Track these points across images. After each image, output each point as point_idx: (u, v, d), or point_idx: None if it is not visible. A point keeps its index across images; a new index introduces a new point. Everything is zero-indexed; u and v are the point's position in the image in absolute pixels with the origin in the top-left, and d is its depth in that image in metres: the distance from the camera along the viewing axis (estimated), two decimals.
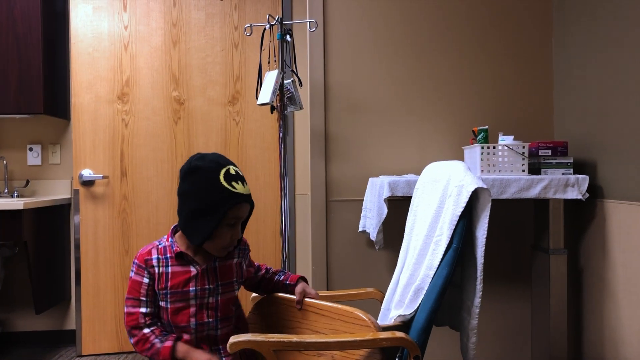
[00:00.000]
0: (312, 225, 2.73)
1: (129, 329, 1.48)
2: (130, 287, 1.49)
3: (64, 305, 3.51)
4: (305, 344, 1.41)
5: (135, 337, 1.46)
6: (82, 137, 3.30)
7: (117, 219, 3.35)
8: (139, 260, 1.49)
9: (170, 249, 1.51)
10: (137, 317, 1.47)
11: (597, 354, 2.42)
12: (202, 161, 1.47)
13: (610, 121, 2.32)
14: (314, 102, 2.72)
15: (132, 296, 1.48)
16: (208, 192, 1.43)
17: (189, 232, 1.47)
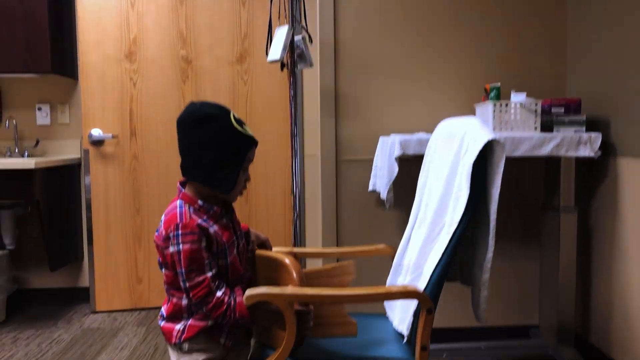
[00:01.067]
0: (322, 184, 2.74)
1: (202, 298, 1.39)
2: (188, 258, 1.38)
3: (77, 264, 3.57)
4: (320, 297, 1.43)
5: (210, 304, 1.39)
6: (90, 96, 3.29)
7: (127, 179, 3.36)
8: (190, 228, 1.40)
9: (205, 209, 1.46)
10: (208, 283, 1.39)
11: (605, 312, 2.44)
12: (210, 109, 1.44)
13: (624, 78, 2.28)
14: (323, 60, 2.69)
15: (196, 266, 1.39)
16: (227, 139, 1.43)
17: (215, 182, 1.44)
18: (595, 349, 2.51)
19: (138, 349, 2.79)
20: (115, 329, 3.08)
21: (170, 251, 1.41)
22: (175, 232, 1.40)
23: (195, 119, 1.43)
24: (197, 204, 1.46)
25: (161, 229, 1.44)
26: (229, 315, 1.41)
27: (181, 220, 1.40)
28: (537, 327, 2.72)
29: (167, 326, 1.50)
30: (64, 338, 2.96)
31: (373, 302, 1.51)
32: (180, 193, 1.48)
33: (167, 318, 1.50)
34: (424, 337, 1.45)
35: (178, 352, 1.50)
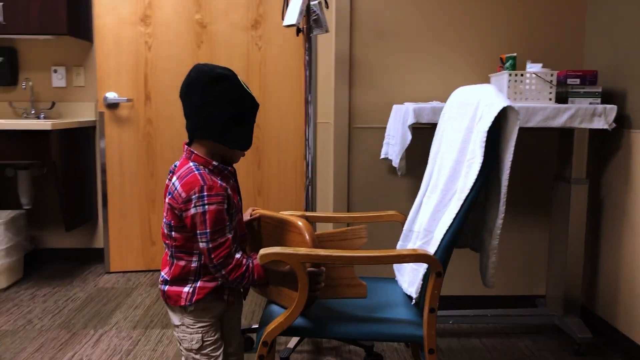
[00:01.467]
0: (334, 151, 2.75)
1: (223, 259, 1.42)
2: (213, 219, 1.41)
3: (92, 225, 3.63)
4: (332, 258, 1.47)
5: (229, 265, 1.42)
6: (105, 59, 3.31)
7: (142, 142, 3.40)
8: (216, 189, 1.42)
9: (219, 169, 1.49)
10: (229, 245, 1.43)
11: (612, 284, 2.47)
12: (221, 69, 1.47)
13: None
14: (339, 26, 2.68)
15: (219, 226, 1.42)
16: (241, 98, 1.47)
17: (232, 139, 1.48)
18: (601, 320, 2.54)
19: (151, 308, 2.86)
20: (129, 289, 3.15)
21: (192, 213, 1.41)
22: (200, 193, 1.41)
23: (211, 78, 1.45)
24: (211, 165, 1.48)
25: (178, 191, 1.43)
26: (247, 277, 1.44)
27: (205, 183, 1.42)
28: (544, 297, 2.76)
29: (173, 289, 1.51)
30: (79, 296, 3.03)
31: (383, 265, 1.54)
32: (192, 155, 1.48)
33: (172, 281, 1.51)
34: (432, 299, 1.49)
35: (182, 313, 1.53)
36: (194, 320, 1.53)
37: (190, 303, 1.50)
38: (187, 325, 1.53)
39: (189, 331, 1.53)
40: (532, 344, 2.49)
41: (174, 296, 1.51)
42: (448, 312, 2.54)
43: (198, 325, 1.53)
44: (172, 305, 1.54)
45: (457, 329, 2.64)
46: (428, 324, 1.49)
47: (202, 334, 1.53)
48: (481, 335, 2.57)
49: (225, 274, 1.44)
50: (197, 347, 1.53)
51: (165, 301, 1.55)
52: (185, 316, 1.53)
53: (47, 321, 2.69)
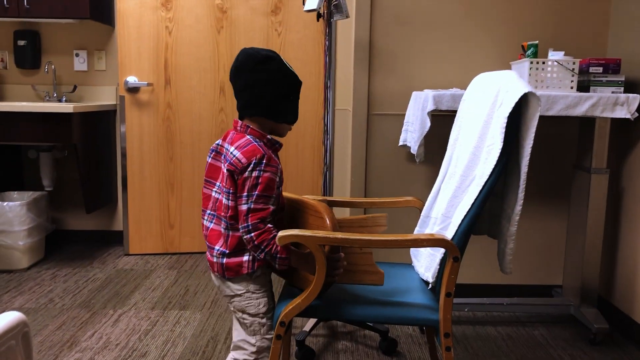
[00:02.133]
0: (352, 138, 2.76)
1: (259, 221, 1.48)
2: (266, 184, 1.49)
3: (111, 208, 3.69)
4: (351, 241, 1.48)
5: (260, 230, 1.47)
6: (126, 43, 3.33)
7: (161, 127, 3.43)
8: (274, 161, 1.52)
9: (271, 143, 1.60)
10: (267, 214, 1.49)
11: (630, 275, 2.45)
12: (266, 51, 1.58)
13: None
14: (359, 12, 2.67)
15: (267, 194, 1.49)
16: (286, 76, 1.58)
17: (278, 114, 1.59)
18: (618, 310, 2.53)
19: (169, 290, 2.91)
20: (147, 271, 3.20)
21: (247, 175, 1.49)
22: (260, 160, 1.50)
23: (258, 59, 1.56)
24: (265, 139, 1.58)
25: (237, 157, 1.51)
26: (272, 244, 1.48)
27: (265, 153, 1.51)
28: (561, 287, 2.75)
29: (232, 261, 1.56)
30: (99, 277, 3.09)
31: (400, 251, 1.55)
32: (248, 129, 1.58)
33: (230, 254, 1.57)
34: (449, 284, 1.49)
35: (247, 281, 1.58)
36: (259, 285, 1.60)
37: (253, 270, 1.56)
38: (252, 292, 1.59)
39: (255, 296, 1.59)
40: (548, 333, 2.48)
41: (235, 267, 1.57)
42: (464, 299, 2.55)
43: (264, 290, 1.61)
44: (233, 277, 1.58)
45: (472, 317, 2.64)
46: (444, 308, 1.50)
47: (267, 297, 1.62)
48: (497, 324, 2.57)
49: (254, 237, 1.48)
50: (265, 310, 1.60)
51: (223, 274, 1.58)
52: (251, 283, 1.59)
53: (67, 300, 2.75)
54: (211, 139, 3.46)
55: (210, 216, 1.62)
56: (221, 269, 1.58)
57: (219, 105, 3.44)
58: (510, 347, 2.35)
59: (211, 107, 3.44)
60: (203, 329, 2.46)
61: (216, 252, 1.58)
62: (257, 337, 1.61)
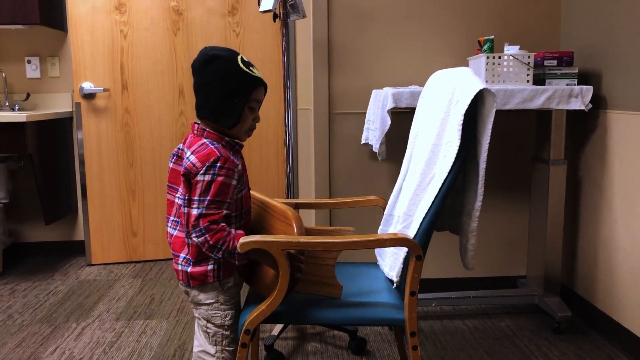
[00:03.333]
0: (314, 137, 2.74)
1: (208, 224, 1.43)
2: (217, 189, 1.45)
3: (71, 217, 3.59)
4: (313, 244, 1.46)
5: (212, 231, 1.43)
6: (80, 48, 3.25)
7: (120, 132, 3.36)
8: (229, 163, 1.47)
9: (230, 145, 1.55)
10: (220, 217, 1.45)
11: (591, 262, 2.51)
12: (217, 50, 1.53)
13: (616, 32, 2.28)
14: (316, 11, 2.65)
15: (220, 199, 1.45)
16: (232, 76, 1.51)
17: (220, 116, 1.52)
18: (580, 297, 2.58)
19: (134, 299, 2.85)
20: (111, 281, 3.13)
21: (199, 179, 1.45)
22: (214, 163, 1.45)
23: (205, 59, 1.52)
24: (224, 140, 1.54)
25: (192, 160, 1.47)
26: (228, 240, 1.45)
27: (221, 155, 1.47)
28: (525, 278, 2.79)
29: (197, 270, 1.52)
30: (60, 289, 3.01)
31: (365, 249, 1.55)
32: (205, 132, 1.54)
33: (195, 262, 1.53)
34: (413, 282, 1.49)
35: (218, 290, 1.55)
36: (229, 297, 1.58)
37: (219, 279, 1.53)
38: (222, 302, 1.57)
39: (223, 307, 1.57)
40: (514, 324, 2.52)
41: (199, 276, 1.53)
42: (431, 294, 2.56)
43: (233, 302, 1.59)
44: (198, 285, 1.54)
45: (440, 311, 2.66)
46: (409, 307, 1.50)
47: (235, 310, 1.59)
48: (464, 317, 2.60)
49: (208, 238, 1.44)
50: (230, 323, 1.58)
51: (188, 283, 1.55)
52: (222, 294, 1.56)
53: (27, 316, 2.66)
54: (172, 143, 3.40)
55: (174, 223, 1.59)
56: (186, 277, 1.55)
57: (178, 108, 3.39)
58: (478, 339, 2.38)
59: (171, 110, 3.39)
60: (170, 338, 2.42)
61: (181, 260, 1.55)
62: (218, 348, 1.58)
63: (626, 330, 2.24)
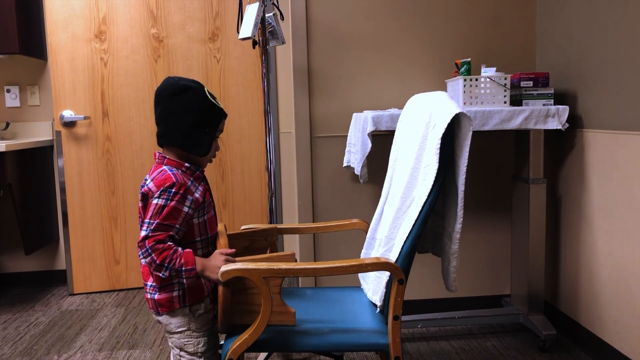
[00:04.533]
0: (297, 161, 2.75)
1: (154, 243, 1.45)
2: (166, 213, 1.47)
3: (53, 246, 3.55)
4: (294, 271, 1.46)
5: (158, 250, 1.45)
6: (60, 77, 3.25)
7: (101, 160, 3.34)
8: (183, 189, 1.51)
9: (191, 171, 1.58)
10: (164, 238, 1.47)
11: (573, 280, 2.52)
12: (187, 81, 1.58)
13: (590, 52, 2.33)
14: (296, 37, 2.68)
15: (168, 222, 1.48)
16: (203, 107, 1.56)
17: (190, 146, 1.57)
18: (564, 315, 2.59)
19: (117, 328, 2.81)
20: (93, 310, 3.08)
21: (154, 202, 1.49)
22: (169, 188, 1.49)
23: (175, 89, 1.55)
24: (184, 167, 1.57)
25: (149, 186, 1.52)
26: (175, 258, 1.46)
27: (177, 180, 1.51)
28: (509, 297, 2.80)
29: (163, 296, 1.55)
30: (42, 321, 2.95)
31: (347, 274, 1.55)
32: (165, 159, 1.58)
33: (160, 288, 1.55)
34: (395, 306, 1.49)
35: (189, 317, 1.56)
36: (201, 324, 1.58)
37: (185, 304, 1.54)
38: (193, 330, 1.57)
39: (195, 335, 1.58)
40: (500, 343, 2.52)
41: (166, 302, 1.55)
42: (416, 316, 2.56)
43: (205, 329, 1.59)
44: (166, 312, 1.55)
45: (426, 333, 2.66)
46: (393, 331, 1.50)
47: (207, 337, 1.59)
48: (450, 338, 2.60)
49: (154, 257, 1.45)
50: (204, 350, 1.58)
51: (157, 310, 1.56)
52: (192, 321, 1.57)
53: (7, 350, 2.61)
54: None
55: None
56: (155, 305, 1.56)
57: None
58: None
59: (152, 137, 3.38)
60: None
61: (149, 287, 1.58)
62: None
63: (609, 346, 2.25)
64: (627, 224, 2.13)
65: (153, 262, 1.46)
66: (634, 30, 2.05)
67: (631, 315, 2.12)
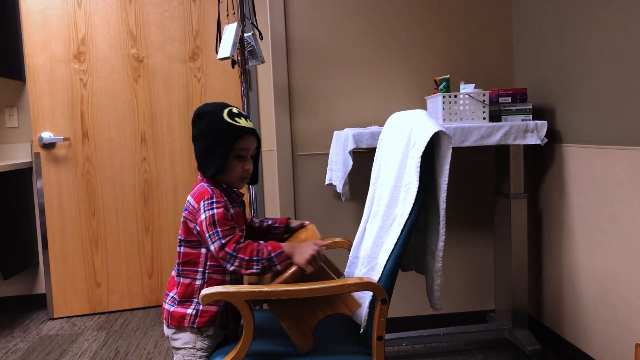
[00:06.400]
0: (279, 180, 2.74)
1: (234, 246, 1.47)
2: (222, 219, 1.50)
3: (32, 270, 3.49)
4: (277, 293, 1.44)
5: (241, 249, 1.47)
6: (39, 98, 3.21)
7: (81, 182, 3.30)
8: (216, 197, 1.53)
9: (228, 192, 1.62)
10: (239, 237, 1.50)
11: (556, 294, 2.53)
12: (207, 107, 1.63)
13: (567, 67, 2.36)
14: (276, 56, 2.69)
15: (229, 226, 1.50)
16: (214, 129, 1.59)
17: (203, 167, 1.61)
18: (548, 329, 2.60)
19: (98, 353, 2.75)
20: (74, 335, 3.02)
21: (202, 218, 1.51)
22: (209, 200, 1.52)
23: (195, 116, 1.63)
24: (222, 187, 1.62)
25: (191, 203, 1.57)
26: (261, 248, 1.48)
27: (213, 192, 1.55)
28: (494, 312, 2.80)
29: (178, 310, 1.57)
30: (20, 347, 2.89)
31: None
32: (205, 179, 1.62)
33: (179, 302, 1.57)
34: (379, 327, 1.48)
35: (197, 335, 1.58)
36: (207, 345, 1.59)
37: (193, 325, 1.55)
38: (197, 349, 1.58)
39: (198, 354, 1.58)
40: (485, 359, 2.52)
41: (178, 317, 1.57)
42: (401, 333, 2.55)
43: (210, 350, 1.59)
44: (175, 326, 1.57)
45: (411, 351, 2.64)
46: (377, 352, 1.48)
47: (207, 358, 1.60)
48: (436, 355, 2.59)
49: (241, 256, 1.47)
50: None
51: (168, 322, 1.59)
52: (199, 340, 1.58)
53: None
54: (135, 190, 3.35)
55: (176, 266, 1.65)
56: (168, 316, 1.58)
57: (140, 155, 3.35)
58: None
59: (133, 157, 3.35)
60: None
61: (169, 298, 1.61)
62: None
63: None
64: (606, 238, 2.14)
65: (243, 261, 1.47)
66: (608, 45, 2.09)
67: (614, 329, 2.13)
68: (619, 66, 2.03)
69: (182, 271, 1.59)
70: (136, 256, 3.39)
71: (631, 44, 1.96)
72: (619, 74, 2.03)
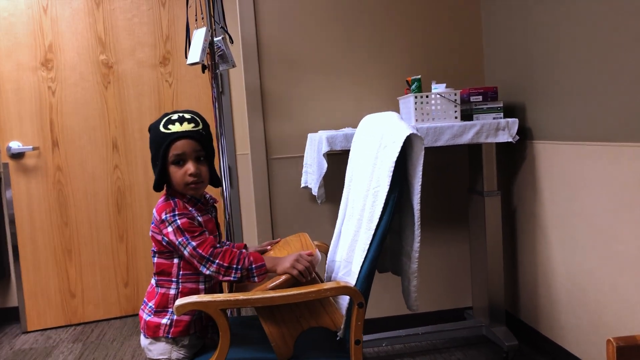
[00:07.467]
0: (254, 184, 2.73)
1: (212, 249, 1.47)
2: (188, 227, 1.49)
3: (4, 283, 3.41)
4: (252, 301, 1.43)
5: (219, 254, 1.47)
6: (6, 108, 3.14)
7: (52, 191, 3.24)
8: (178, 209, 1.51)
9: (193, 201, 1.59)
10: (213, 240, 1.50)
11: (532, 289, 2.56)
12: (154, 122, 1.60)
13: (536, 65, 2.39)
14: (247, 59, 2.67)
15: (196, 231, 1.49)
16: (152, 142, 1.58)
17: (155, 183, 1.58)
18: (525, 324, 2.63)
19: None
20: (49, 348, 2.97)
21: (169, 230, 1.50)
22: (171, 213, 1.50)
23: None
24: (185, 198, 1.59)
25: (154, 216, 1.55)
26: (243, 257, 1.47)
27: (176, 206, 1.52)
28: (471, 309, 2.83)
29: (154, 320, 1.55)
30: None
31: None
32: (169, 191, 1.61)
33: (155, 312, 1.56)
34: (357, 331, 1.48)
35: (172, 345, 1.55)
36: (182, 355, 1.56)
37: (168, 335, 1.53)
38: (173, 359, 1.56)
39: None
40: (464, 357, 2.53)
41: (153, 327, 1.55)
42: (380, 334, 2.55)
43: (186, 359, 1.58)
44: (151, 336, 1.55)
45: (391, 351, 2.65)
46: (355, 356, 1.48)
47: None
48: (415, 354, 2.60)
49: (220, 262, 1.46)
50: None
51: (144, 331, 1.57)
52: (175, 350, 1.56)
53: None
54: (108, 198, 3.30)
55: None
56: (144, 325, 1.57)
57: (112, 162, 3.30)
58: None
59: (105, 165, 3.30)
60: None
61: (148, 307, 1.58)
62: None
63: (569, 353, 2.29)
64: (577, 233, 2.18)
65: (221, 268, 1.46)
66: (576, 42, 2.12)
67: (588, 322, 2.17)
68: (586, 63, 2.06)
69: (158, 281, 1.58)
70: (111, 265, 3.33)
71: (597, 42, 1.99)
72: (585, 71, 2.07)
